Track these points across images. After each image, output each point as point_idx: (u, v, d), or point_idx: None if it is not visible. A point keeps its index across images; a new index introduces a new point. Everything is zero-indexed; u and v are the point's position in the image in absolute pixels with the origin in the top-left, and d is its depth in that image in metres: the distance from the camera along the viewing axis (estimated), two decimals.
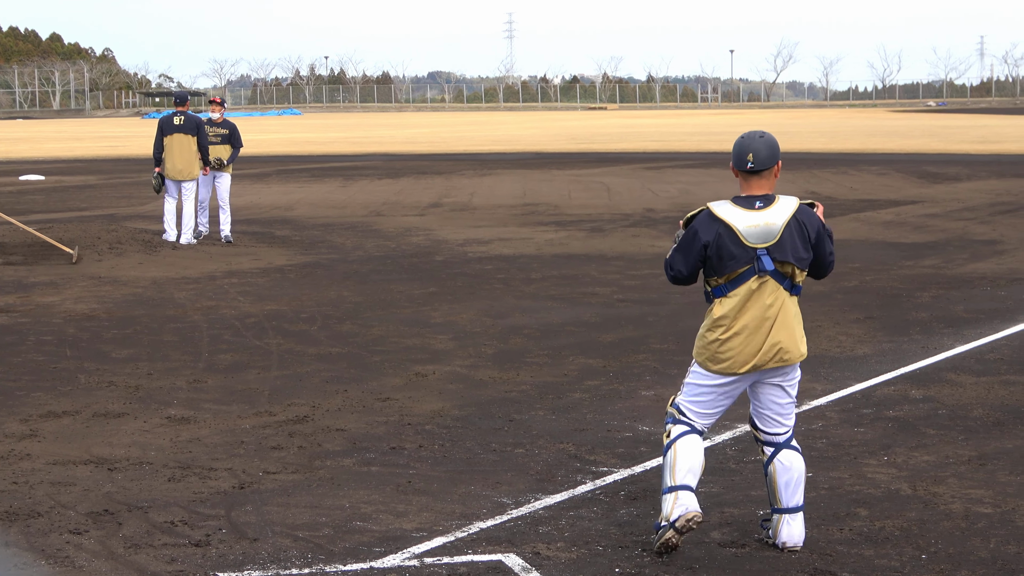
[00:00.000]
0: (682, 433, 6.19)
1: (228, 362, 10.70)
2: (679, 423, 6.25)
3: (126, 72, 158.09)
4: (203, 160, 18.42)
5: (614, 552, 6.21)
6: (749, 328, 6.08)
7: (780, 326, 6.10)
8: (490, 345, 11.34)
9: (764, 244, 6.05)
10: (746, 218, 6.06)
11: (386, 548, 6.27)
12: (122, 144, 50.98)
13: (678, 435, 6.19)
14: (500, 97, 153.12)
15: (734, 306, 6.10)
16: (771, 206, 6.09)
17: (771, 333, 6.09)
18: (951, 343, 11.24)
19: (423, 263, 16.89)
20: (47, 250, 17.02)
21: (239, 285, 14.97)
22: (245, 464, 7.70)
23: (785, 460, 6.29)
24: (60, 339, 11.71)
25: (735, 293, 6.09)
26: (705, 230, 6.08)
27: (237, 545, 6.30)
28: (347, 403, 9.24)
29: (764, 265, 6.05)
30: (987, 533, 6.42)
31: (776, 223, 6.06)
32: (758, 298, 6.08)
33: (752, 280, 6.07)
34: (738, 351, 6.10)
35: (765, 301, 6.09)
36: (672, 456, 6.15)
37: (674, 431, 6.22)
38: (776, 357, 6.11)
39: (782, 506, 6.27)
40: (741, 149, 6.11)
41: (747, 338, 6.09)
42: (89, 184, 32.62)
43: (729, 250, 6.04)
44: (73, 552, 6.21)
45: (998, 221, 21.30)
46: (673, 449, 6.16)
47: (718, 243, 6.05)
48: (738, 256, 6.05)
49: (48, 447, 8.10)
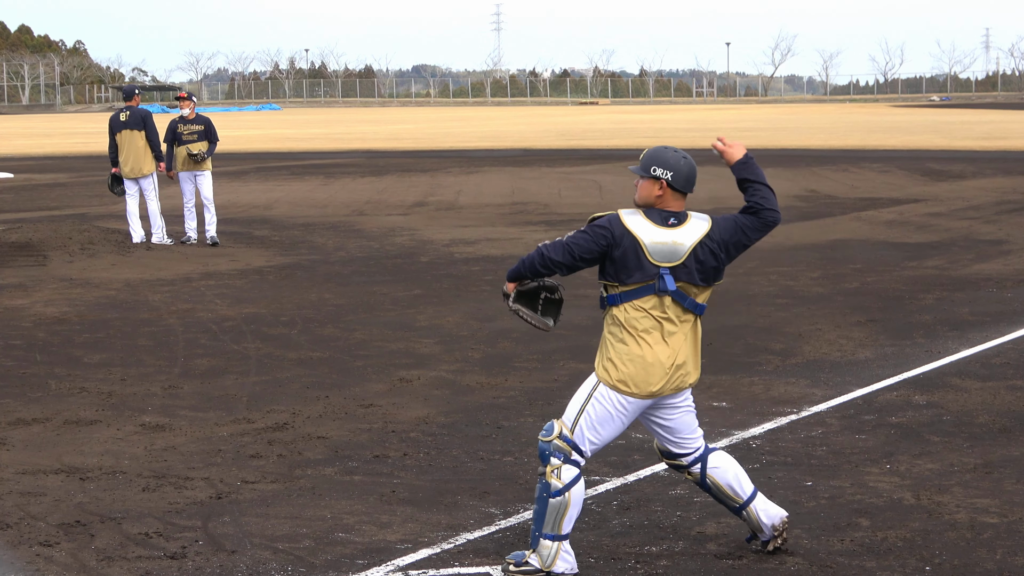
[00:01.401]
0: (575, 478, 5.93)
1: (205, 367, 10.58)
2: (570, 463, 5.95)
3: (98, 65, 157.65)
4: (155, 156, 18.10)
5: (606, 564, 6.11)
6: (653, 348, 5.91)
7: (682, 347, 5.98)
8: (477, 349, 11.23)
9: (668, 264, 5.92)
10: (655, 234, 5.92)
11: (369, 560, 6.20)
12: (94, 141, 50.81)
13: (572, 481, 5.91)
14: (487, 92, 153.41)
15: (636, 320, 5.92)
16: (683, 225, 5.98)
17: (677, 355, 5.96)
18: (955, 347, 11.13)
19: (407, 264, 16.78)
20: (14, 251, 16.78)
21: (216, 287, 14.84)
22: (223, 473, 7.60)
23: (717, 463, 6.21)
24: (29, 343, 11.59)
25: (638, 307, 5.91)
26: (616, 226, 5.93)
27: (214, 558, 6.22)
28: (328, 410, 9.13)
29: (666, 285, 5.91)
30: (993, 544, 6.33)
31: (684, 244, 5.94)
32: (660, 317, 5.93)
33: (651, 297, 5.92)
34: (644, 371, 5.91)
35: (666, 320, 5.94)
36: (564, 504, 5.90)
37: (565, 474, 5.91)
38: (678, 380, 5.99)
39: (744, 501, 6.19)
40: (692, 172, 6.04)
41: (652, 359, 5.91)
42: (60, 182, 32.52)
43: (633, 261, 5.89)
44: (44, 565, 6.13)
45: (1004, 220, 21.20)
46: (567, 497, 5.90)
47: (623, 249, 5.90)
48: (641, 269, 5.90)
49: (17, 456, 7.99)
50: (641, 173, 6.02)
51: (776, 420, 8.74)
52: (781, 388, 9.67)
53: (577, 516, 6.00)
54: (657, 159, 6.00)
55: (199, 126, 18.36)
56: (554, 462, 5.93)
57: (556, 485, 5.90)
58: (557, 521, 5.90)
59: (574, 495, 5.91)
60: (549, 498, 5.90)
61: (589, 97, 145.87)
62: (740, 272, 15.35)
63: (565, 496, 5.89)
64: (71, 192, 29.44)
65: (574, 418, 5.97)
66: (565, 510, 5.89)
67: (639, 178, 6.05)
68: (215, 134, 18.51)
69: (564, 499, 5.89)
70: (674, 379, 5.96)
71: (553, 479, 5.91)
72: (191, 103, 18.64)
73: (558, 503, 5.89)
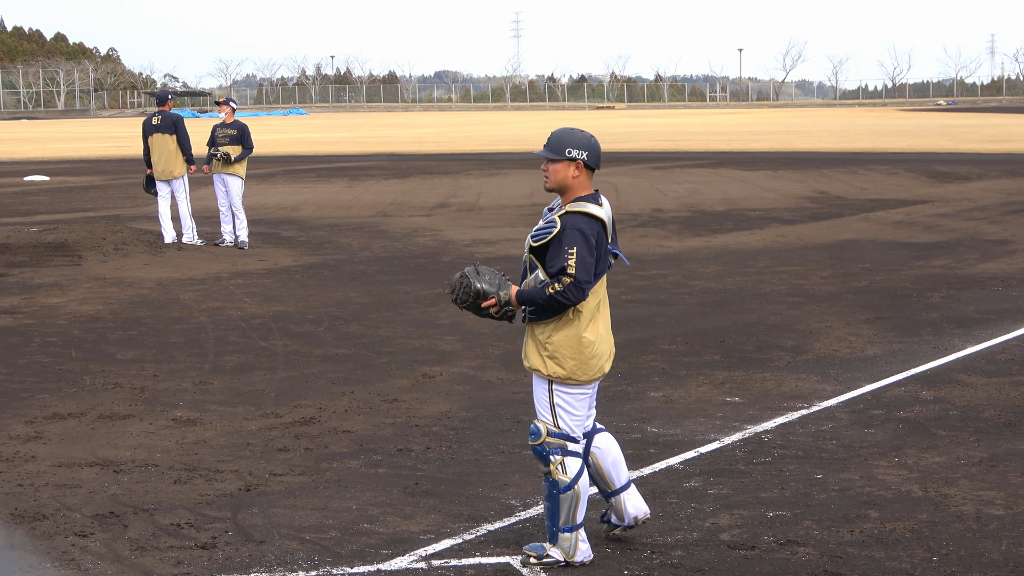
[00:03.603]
0: (580, 469, 5.95)
1: (234, 363, 10.67)
2: (571, 454, 5.95)
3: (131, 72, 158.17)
4: (186, 159, 18.32)
5: (623, 554, 6.18)
6: (602, 326, 5.99)
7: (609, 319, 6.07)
8: (497, 346, 11.31)
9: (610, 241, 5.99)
10: (604, 214, 5.94)
11: (393, 550, 6.25)
12: (127, 144, 50.93)
13: (578, 472, 5.94)
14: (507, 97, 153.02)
15: (593, 306, 5.94)
16: (604, 200, 6.03)
17: (608, 327, 6.04)
18: (962, 344, 11.18)
19: (430, 264, 16.86)
20: (51, 251, 16.99)
21: (245, 286, 14.94)
22: (251, 466, 7.67)
23: (602, 444, 6.22)
24: (65, 340, 11.70)
25: (594, 291, 5.91)
26: (590, 227, 5.85)
27: (243, 547, 6.29)
28: (354, 404, 9.21)
29: (612, 262, 5.99)
30: (999, 535, 6.39)
31: (611, 217, 6.01)
32: (601, 294, 5.99)
33: (603, 277, 5.96)
34: (603, 352, 5.97)
35: (603, 295, 6.01)
36: (575, 496, 5.93)
37: (571, 467, 5.93)
38: (612, 352, 6.07)
39: (616, 487, 6.22)
40: (599, 149, 6.00)
41: (603, 336, 5.99)
42: (94, 185, 32.61)
43: (604, 247, 5.92)
44: (79, 555, 6.19)
45: (1009, 221, 21.22)
46: (576, 489, 5.93)
47: (600, 240, 5.89)
48: (605, 253, 5.95)
49: (53, 449, 8.08)
50: (555, 156, 5.90)
51: (787, 415, 8.81)
52: (792, 383, 9.74)
53: (615, 464, 6.10)
54: (569, 140, 5.91)
55: (233, 131, 18.51)
56: (555, 459, 5.93)
57: (564, 480, 5.91)
58: (571, 513, 5.93)
59: (582, 485, 5.94)
60: (560, 494, 5.91)
61: (606, 102, 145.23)
62: (752, 271, 15.45)
63: (575, 488, 5.92)
64: (105, 194, 29.56)
65: (550, 417, 5.95)
66: (577, 502, 5.93)
67: (548, 162, 5.93)
68: (249, 140, 18.55)
69: (574, 491, 5.93)
70: (612, 351, 6.04)
71: (560, 475, 5.91)
72: (228, 108, 18.80)
73: (569, 496, 5.92)
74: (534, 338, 5.96)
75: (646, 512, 6.27)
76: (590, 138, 5.98)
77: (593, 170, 5.92)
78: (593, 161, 5.93)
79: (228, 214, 18.55)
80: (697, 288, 14.40)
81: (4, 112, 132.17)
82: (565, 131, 5.97)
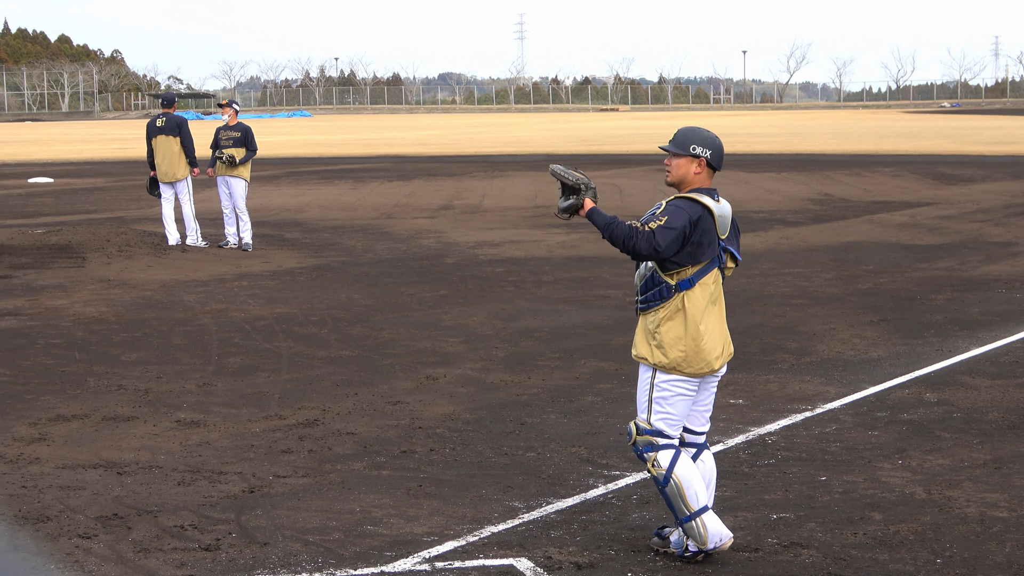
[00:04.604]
0: (673, 460, 6.00)
1: (238, 365, 10.68)
2: (662, 447, 6.03)
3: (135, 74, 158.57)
4: (189, 162, 18.33)
5: (626, 556, 6.19)
6: (714, 322, 6.05)
7: (725, 320, 6.15)
8: (501, 348, 11.31)
9: (724, 236, 6.07)
10: (717, 208, 6.04)
11: (397, 552, 6.25)
12: (131, 147, 51.02)
13: (671, 465, 5.99)
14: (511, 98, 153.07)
15: (704, 299, 6.01)
16: (722, 199, 6.14)
17: (724, 327, 6.11)
18: (966, 346, 11.19)
19: (434, 265, 16.87)
20: (55, 253, 17.01)
21: (249, 288, 14.96)
22: (255, 468, 7.68)
23: (707, 460, 6.24)
24: (69, 342, 11.71)
25: (704, 283, 6.00)
26: (693, 210, 5.97)
27: (247, 549, 6.29)
28: (357, 406, 9.22)
29: (722, 257, 6.07)
30: (1003, 537, 6.39)
31: (728, 215, 6.11)
32: (715, 291, 6.06)
33: (715, 271, 6.05)
34: (712, 347, 6.02)
35: (718, 294, 6.09)
36: (676, 488, 5.97)
37: (663, 459, 6.00)
38: (728, 352, 6.12)
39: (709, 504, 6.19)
40: (722, 149, 6.15)
41: (714, 333, 6.04)
42: (98, 187, 32.65)
43: (710, 236, 5.99)
44: (82, 556, 6.19)
45: (1013, 223, 21.22)
46: (674, 481, 5.97)
47: (704, 225, 5.98)
48: (713, 243, 6.02)
49: (57, 451, 8.08)
50: (679, 152, 6.08)
51: (791, 417, 8.81)
52: (796, 386, 9.75)
53: (707, 484, 6.07)
54: (695, 138, 6.09)
55: (237, 133, 18.52)
56: (649, 456, 6.01)
57: (660, 474, 5.98)
58: (683, 503, 5.97)
59: (680, 473, 5.96)
60: (664, 488, 5.99)
61: (610, 104, 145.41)
62: (756, 273, 15.44)
63: (673, 479, 5.96)
64: (109, 196, 29.59)
65: (647, 410, 6.04)
66: (682, 490, 5.96)
67: (672, 157, 6.11)
68: (253, 142, 18.54)
69: (674, 482, 5.96)
70: (727, 351, 6.10)
71: (656, 471, 5.99)
72: (231, 110, 18.81)
73: (672, 489, 5.97)
74: (644, 327, 6.10)
75: (730, 535, 6.19)
76: (715, 138, 6.15)
77: (714, 169, 6.10)
78: (715, 160, 6.10)
79: (232, 216, 18.54)
80: None
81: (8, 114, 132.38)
82: (691, 129, 6.17)
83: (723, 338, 6.09)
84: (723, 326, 6.12)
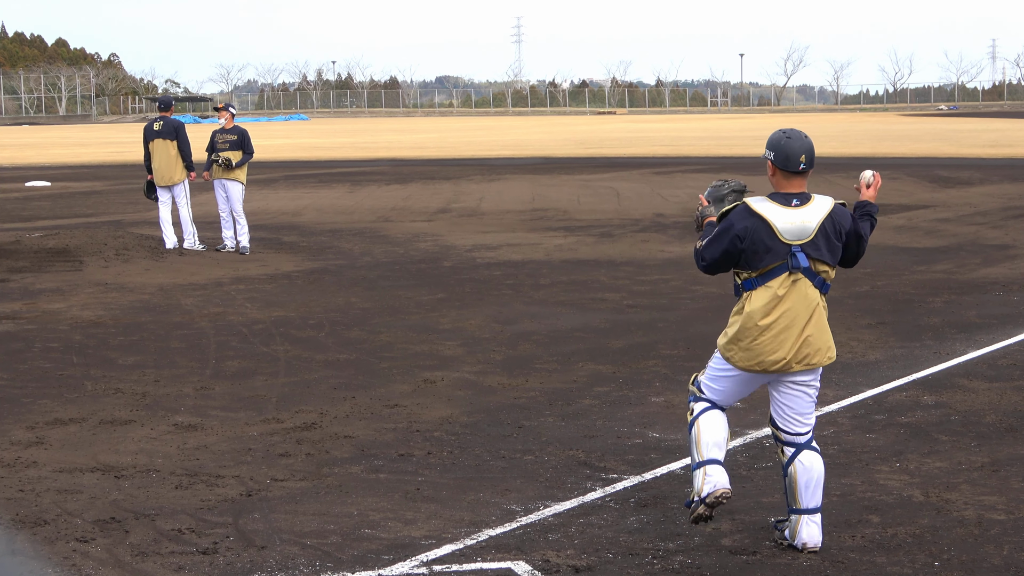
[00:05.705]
0: (704, 409, 6.30)
1: (235, 369, 10.68)
2: (700, 400, 6.36)
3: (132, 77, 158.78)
4: (186, 166, 18.33)
5: (624, 559, 6.19)
6: (780, 325, 6.12)
7: (811, 325, 6.17)
8: (499, 351, 11.31)
9: (799, 241, 6.11)
10: (783, 215, 6.12)
11: (395, 556, 6.25)
12: (128, 150, 51.02)
13: (700, 411, 6.30)
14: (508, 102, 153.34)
15: (767, 301, 6.13)
16: (807, 204, 6.17)
17: (802, 332, 6.14)
18: (963, 348, 11.20)
19: (431, 269, 16.87)
20: (52, 256, 17.00)
21: (246, 291, 14.95)
22: (253, 471, 7.68)
23: (806, 461, 6.30)
24: (66, 346, 11.70)
25: (769, 286, 6.12)
26: (740, 221, 6.13)
27: (245, 553, 6.29)
28: (355, 410, 9.22)
29: (799, 262, 6.11)
30: (1000, 540, 6.40)
31: (812, 221, 6.13)
32: (790, 295, 6.13)
33: (784, 276, 6.12)
34: (768, 348, 6.13)
35: (797, 299, 6.14)
36: (696, 433, 6.25)
37: (696, 408, 6.35)
38: (804, 359, 6.15)
39: (801, 507, 6.28)
40: (792, 150, 6.13)
41: (777, 335, 6.12)
42: (95, 190, 32.65)
43: (764, 244, 6.09)
44: (80, 560, 6.19)
45: (1010, 225, 21.23)
46: (696, 426, 6.26)
47: (752, 236, 6.09)
48: (773, 250, 6.10)
49: (54, 454, 8.08)
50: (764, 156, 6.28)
51: None
52: None
53: (720, 443, 6.20)
54: (768, 141, 6.20)
55: (233, 136, 18.54)
56: (691, 404, 6.36)
57: (690, 419, 6.31)
58: (696, 449, 6.21)
59: (702, 423, 6.24)
60: (690, 432, 6.30)
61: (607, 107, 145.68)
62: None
63: (696, 425, 6.25)
64: (106, 199, 29.57)
65: (704, 367, 6.43)
66: (699, 438, 6.20)
67: None
68: (249, 145, 18.57)
69: (696, 428, 6.24)
70: (800, 356, 6.13)
71: (689, 416, 6.34)
72: (227, 113, 18.82)
73: (693, 433, 6.25)
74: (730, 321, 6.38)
75: (816, 543, 6.28)
76: (783, 139, 6.16)
77: (788, 171, 6.13)
78: (780, 161, 6.14)
79: (229, 219, 18.55)
80: (699, 293, 14.40)
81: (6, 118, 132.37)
82: (774, 132, 6.24)
83: (795, 342, 6.12)
84: (797, 330, 6.12)
